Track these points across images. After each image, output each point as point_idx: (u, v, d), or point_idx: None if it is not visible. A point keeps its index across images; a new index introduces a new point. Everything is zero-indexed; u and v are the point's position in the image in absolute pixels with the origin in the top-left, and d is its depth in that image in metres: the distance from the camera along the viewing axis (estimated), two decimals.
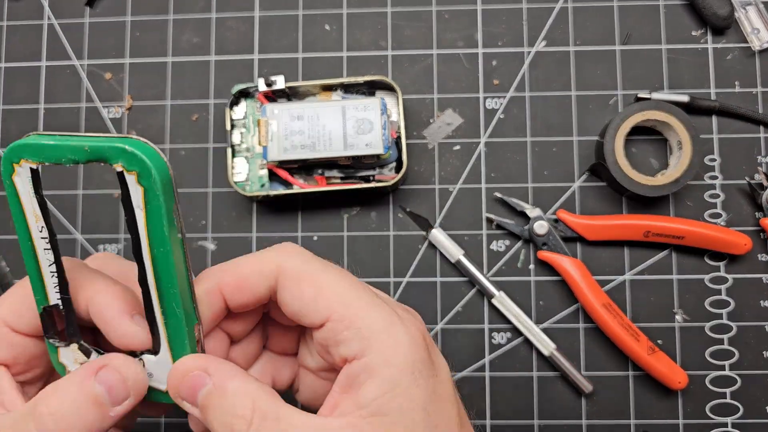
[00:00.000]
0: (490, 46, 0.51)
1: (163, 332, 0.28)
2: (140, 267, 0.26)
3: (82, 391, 0.27)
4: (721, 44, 0.51)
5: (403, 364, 0.26)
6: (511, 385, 0.49)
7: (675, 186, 0.47)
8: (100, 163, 0.25)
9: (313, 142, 0.46)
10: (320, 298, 0.27)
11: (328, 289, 0.27)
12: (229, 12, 0.52)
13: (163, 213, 0.25)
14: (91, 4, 0.53)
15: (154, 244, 0.25)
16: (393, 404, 0.25)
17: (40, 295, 0.28)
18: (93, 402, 0.27)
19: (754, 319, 0.48)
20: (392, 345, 0.26)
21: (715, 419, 0.48)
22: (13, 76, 0.53)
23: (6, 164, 0.26)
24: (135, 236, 0.25)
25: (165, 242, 0.25)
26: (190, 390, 0.27)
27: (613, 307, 0.47)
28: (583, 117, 0.50)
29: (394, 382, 0.26)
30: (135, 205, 0.25)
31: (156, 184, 0.24)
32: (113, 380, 0.27)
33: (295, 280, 0.27)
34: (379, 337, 0.26)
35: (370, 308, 0.27)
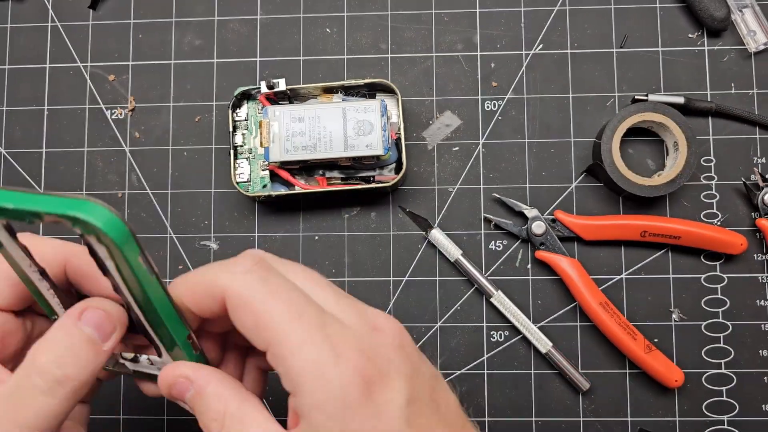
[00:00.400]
0: (489, 48, 0.52)
1: (161, 346, 0.29)
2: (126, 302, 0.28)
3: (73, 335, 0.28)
4: (718, 46, 0.51)
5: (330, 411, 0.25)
6: (509, 383, 0.49)
7: (671, 186, 0.47)
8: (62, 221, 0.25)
9: (314, 144, 0.47)
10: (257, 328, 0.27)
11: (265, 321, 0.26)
12: (231, 15, 0.53)
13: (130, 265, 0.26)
14: (95, 7, 0.54)
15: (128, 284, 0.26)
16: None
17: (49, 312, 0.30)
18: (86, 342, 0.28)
19: (749, 318, 0.49)
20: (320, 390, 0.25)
21: (711, 417, 0.48)
22: (18, 77, 0.53)
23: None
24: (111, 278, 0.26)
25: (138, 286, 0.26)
26: (179, 394, 0.29)
27: (610, 306, 0.47)
28: (581, 118, 0.51)
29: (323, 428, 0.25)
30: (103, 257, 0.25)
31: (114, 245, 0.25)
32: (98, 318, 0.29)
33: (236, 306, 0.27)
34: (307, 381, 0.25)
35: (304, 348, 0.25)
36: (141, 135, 0.52)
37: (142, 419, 0.50)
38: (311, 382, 0.25)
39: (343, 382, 0.25)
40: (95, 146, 0.52)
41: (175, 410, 0.50)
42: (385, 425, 0.25)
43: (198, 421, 0.28)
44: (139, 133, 0.52)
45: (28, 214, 0.25)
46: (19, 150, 0.53)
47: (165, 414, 0.50)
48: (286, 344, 0.26)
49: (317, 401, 0.25)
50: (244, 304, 0.27)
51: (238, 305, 0.27)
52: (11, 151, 0.53)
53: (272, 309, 0.26)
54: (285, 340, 0.26)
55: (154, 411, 0.50)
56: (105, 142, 0.52)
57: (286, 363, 0.26)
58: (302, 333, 0.26)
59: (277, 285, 0.27)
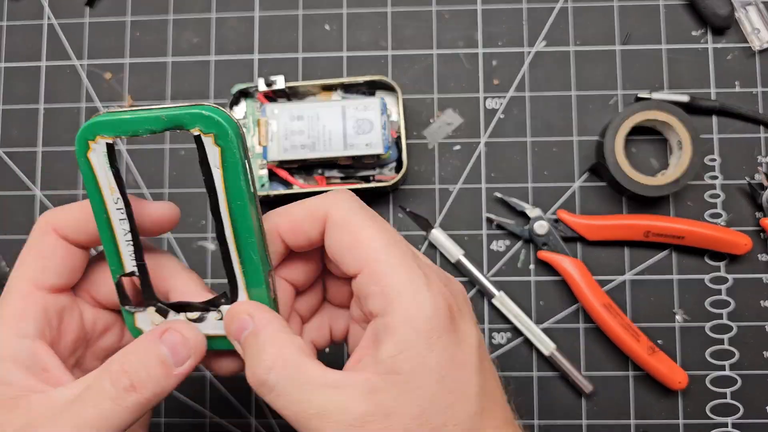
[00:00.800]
0: (490, 46, 0.51)
1: (241, 281, 0.29)
2: (218, 223, 0.28)
3: (149, 352, 0.29)
4: (722, 44, 0.51)
5: (421, 327, 0.26)
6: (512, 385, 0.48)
7: (675, 186, 0.47)
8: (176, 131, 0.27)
9: (313, 142, 0.46)
10: (355, 248, 0.28)
11: (364, 241, 0.28)
12: (229, 12, 0.53)
13: (239, 169, 0.27)
14: (91, 4, 0.53)
15: (231, 200, 0.27)
16: (406, 365, 0.26)
17: (116, 265, 0.30)
18: (160, 362, 0.29)
19: (754, 319, 0.48)
20: (413, 307, 0.27)
21: (715, 419, 0.48)
22: (13, 76, 0.53)
23: (81, 143, 0.27)
24: (213, 195, 0.28)
25: (242, 196, 0.27)
26: (237, 331, 0.29)
27: (614, 307, 0.47)
28: (583, 117, 0.50)
29: (409, 343, 0.26)
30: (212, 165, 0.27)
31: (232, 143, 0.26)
32: (176, 341, 0.29)
33: (337, 227, 0.29)
34: (401, 298, 0.27)
35: (399, 268, 0.27)
36: None
37: None
38: (406, 299, 0.27)
39: (434, 305, 0.27)
40: None
41: (174, 412, 0.50)
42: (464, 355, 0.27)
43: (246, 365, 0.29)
44: None
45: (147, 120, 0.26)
46: (14, 149, 0.52)
47: (163, 416, 0.49)
48: (383, 264, 0.27)
49: (410, 317, 0.26)
50: (345, 225, 0.28)
51: (339, 225, 0.29)
52: (7, 150, 0.52)
53: (371, 231, 0.28)
54: (382, 260, 0.27)
55: (153, 413, 0.49)
56: None
57: (382, 281, 0.27)
58: (399, 256, 0.28)
59: (373, 215, 0.29)
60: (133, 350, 0.29)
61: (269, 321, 0.29)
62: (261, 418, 0.49)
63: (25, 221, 0.51)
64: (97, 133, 0.27)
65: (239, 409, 0.49)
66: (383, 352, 0.27)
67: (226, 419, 0.49)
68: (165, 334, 0.30)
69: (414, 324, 0.26)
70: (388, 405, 0.26)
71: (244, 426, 0.49)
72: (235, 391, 0.50)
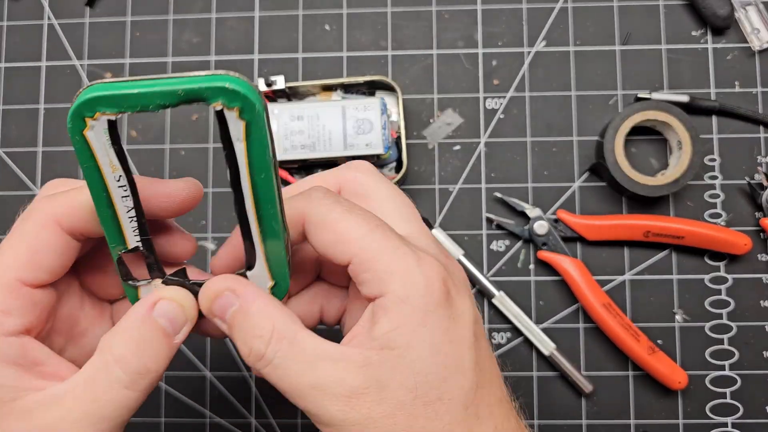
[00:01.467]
0: (490, 46, 0.51)
1: (260, 249, 0.28)
2: (238, 196, 0.26)
3: (148, 326, 0.28)
4: (721, 44, 0.51)
5: (414, 303, 0.26)
6: (511, 385, 0.48)
7: (675, 186, 0.47)
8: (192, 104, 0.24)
9: (313, 142, 0.46)
10: (339, 243, 0.28)
11: (346, 235, 0.27)
12: (229, 12, 0.53)
13: (266, 142, 0.25)
14: (91, 4, 0.53)
15: (255, 173, 0.26)
16: (401, 339, 0.26)
17: (117, 242, 0.28)
18: (161, 333, 0.28)
19: (754, 319, 0.48)
20: (406, 286, 0.27)
21: (715, 419, 0.48)
22: (13, 76, 0.53)
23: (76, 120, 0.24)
24: (234, 169, 0.25)
25: (267, 168, 0.26)
26: (221, 309, 0.28)
27: (613, 307, 0.47)
28: (583, 117, 0.50)
29: (404, 319, 0.26)
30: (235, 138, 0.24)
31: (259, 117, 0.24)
32: (172, 310, 0.28)
33: (317, 227, 0.28)
34: (394, 279, 0.27)
35: (386, 250, 0.27)
36: (138, 134, 0.52)
37: (140, 421, 0.49)
38: (399, 278, 0.27)
39: (428, 282, 0.27)
40: None
41: (173, 412, 0.50)
42: (459, 330, 0.27)
43: (233, 339, 0.28)
44: (136, 131, 0.52)
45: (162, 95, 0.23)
46: (14, 149, 0.52)
47: (163, 416, 0.49)
48: (369, 251, 0.27)
49: (404, 295, 0.26)
50: (324, 223, 0.28)
51: (317, 224, 0.28)
52: (7, 150, 0.52)
53: (351, 224, 0.28)
54: (368, 247, 0.27)
55: (152, 413, 0.49)
56: None
57: (372, 267, 0.27)
58: (384, 239, 0.27)
59: (350, 205, 0.28)
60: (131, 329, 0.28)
61: (256, 294, 0.28)
62: (261, 417, 0.49)
63: None
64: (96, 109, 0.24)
65: (239, 409, 0.49)
66: (378, 329, 0.27)
67: (226, 419, 0.49)
68: (158, 304, 0.28)
69: (407, 300, 0.26)
70: (383, 378, 0.26)
71: (244, 426, 0.49)
72: (236, 391, 0.50)
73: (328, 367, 0.26)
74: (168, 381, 0.50)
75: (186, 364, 0.50)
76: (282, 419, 0.49)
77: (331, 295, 0.33)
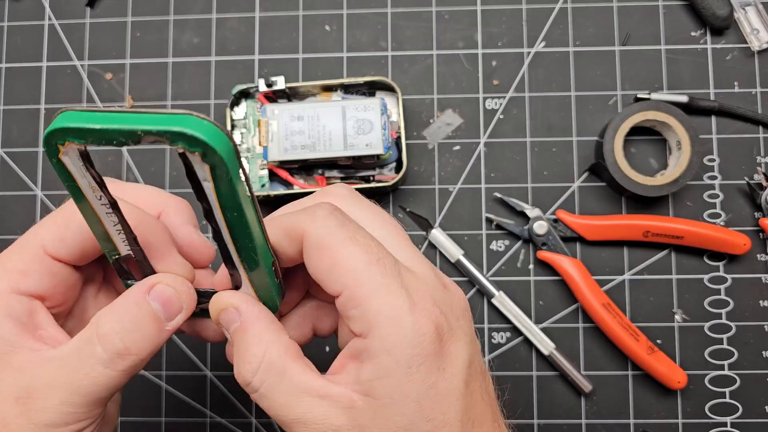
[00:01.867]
0: (490, 46, 0.51)
1: (244, 276, 0.28)
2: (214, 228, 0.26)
3: (140, 309, 0.28)
4: (721, 45, 0.51)
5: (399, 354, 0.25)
6: (511, 385, 0.49)
7: (674, 186, 0.47)
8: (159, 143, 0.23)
9: (313, 143, 0.46)
10: (335, 271, 0.26)
11: (344, 264, 0.26)
12: (229, 12, 0.53)
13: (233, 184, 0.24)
14: (92, 5, 0.53)
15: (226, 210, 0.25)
16: (384, 391, 0.25)
17: (109, 247, 0.29)
18: (151, 318, 0.28)
19: (753, 319, 0.48)
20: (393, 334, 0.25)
21: (714, 419, 0.48)
22: (14, 76, 0.53)
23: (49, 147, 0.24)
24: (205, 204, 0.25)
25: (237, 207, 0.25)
26: (226, 322, 0.29)
27: (613, 307, 0.47)
28: (583, 117, 0.51)
29: (387, 370, 0.25)
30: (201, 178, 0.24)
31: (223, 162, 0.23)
32: (167, 295, 0.29)
33: (315, 248, 0.27)
34: (382, 324, 0.26)
35: (381, 292, 0.26)
36: None
37: (140, 421, 0.49)
38: (386, 325, 0.25)
39: (417, 330, 0.25)
40: None
41: (174, 411, 0.50)
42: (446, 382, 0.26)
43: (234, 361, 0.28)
44: None
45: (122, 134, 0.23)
46: (15, 149, 0.52)
47: (163, 415, 0.49)
48: (364, 287, 0.26)
49: (390, 344, 0.25)
50: (323, 247, 0.27)
51: (316, 247, 0.27)
52: (8, 150, 0.52)
53: (351, 253, 0.26)
54: (363, 283, 0.26)
55: (153, 412, 0.49)
56: None
57: (362, 305, 0.26)
58: (380, 278, 0.26)
59: (354, 230, 0.27)
60: (122, 309, 0.28)
61: (256, 317, 0.28)
62: (261, 417, 0.49)
63: (26, 221, 0.51)
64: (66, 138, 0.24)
65: (240, 409, 0.50)
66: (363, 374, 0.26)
67: (227, 419, 0.49)
68: (155, 288, 0.29)
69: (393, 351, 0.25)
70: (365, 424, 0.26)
71: (245, 425, 0.49)
72: (236, 391, 0.50)
73: (314, 404, 0.26)
74: (168, 380, 0.50)
75: (187, 364, 0.50)
76: None
77: (322, 313, 0.32)
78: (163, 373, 0.50)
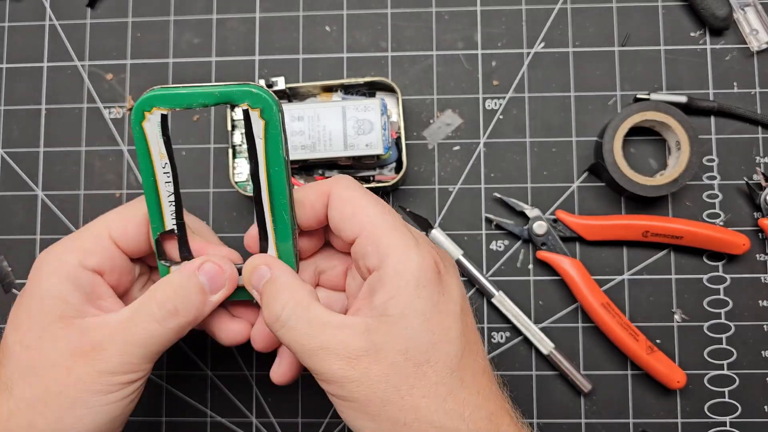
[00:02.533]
0: (490, 47, 0.52)
1: (272, 237, 0.34)
2: (256, 186, 0.33)
3: (190, 280, 0.34)
4: (720, 45, 0.51)
5: (409, 277, 0.31)
6: (511, 384, 0.49)
7: (673, 186, 0.47)
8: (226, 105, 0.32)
9: (313, 143, 0.46)
10: (354, 216, 0.33)
11: (362, 211, 0.33)
12: (230, 13, 0.53)
13: (279, 139, 0.32)
14: (93, 5, 0.53)
15: (270, 165, 0.32)
16: (396, 308, 0.30)
17: (157, 223, 0.35)
18: (199, 289, 0.34)
19: (752, 319, 0.49)
20: (403, 261, 0.31)
21: (713, 418, 0.48)
22: (15, 76, 0.53)
23: (138, 113, 0.31)
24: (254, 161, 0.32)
25: (279, 162, 0.32)
26: (258, 279, 0.34)
27: (612, 307, 0.47)
28: (582, 117, 0.51)
29: (399, 289, 0.31)
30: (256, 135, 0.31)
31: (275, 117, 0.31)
32: (214, 272, 0.35)
33: (339, 199, 0.34)
34: (393, 254, 0.31)
35: (392, 230, 0.32)
36: None
37: (141, 420, 0.50)
38: (397, 254, 0.31)
39: (421, 261, 0.31)
40: (93, 146, 0.52)
41: (174, 411, 0.50)
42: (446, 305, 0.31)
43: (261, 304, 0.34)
44: None
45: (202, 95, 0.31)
46: (16, 149, 0.52)
47: (164, 415, 0.50)
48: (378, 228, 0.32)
49: (401, 269, 0.31)
50: (346, 198, 0.34)
51: (340, 198, 0.34)
52: (8, 150, 0.52)
53: (368, 203, 0.33)
54: (378, 224, 0.32)
55: (154, 412, 0.50)
56: (103, 142, 0.52)
57: (377, 240, 0.32)
58: (392, 222, 0.33)
59: (370, 193, 0.34)
60: (176, 280, 0.34)
61: (284, 270, 0.34)
62: (262, 417, 0.49)
63: (27, 221, 0.51)
64: (153, 104, 0.31)
65: (240, 409, 0.50)
66: (377, 299, 0.31)
67: (227, 418, 0.50)
68: (204, 265, 0.35)
69: (403, 275, 0.31)
70: (380, 342, 0.30)
71: (245, 425, 0.50)
72: (237, 391, 0.50)
73: (335, 332, 0.31)
74: (169, 380, 0.50)
75: (187, 363, 0.50)
76: (283, 418, 0.49)
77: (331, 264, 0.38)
78: (163, 373, 0.50)
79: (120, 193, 0.51)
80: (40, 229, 0.51)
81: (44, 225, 0.51)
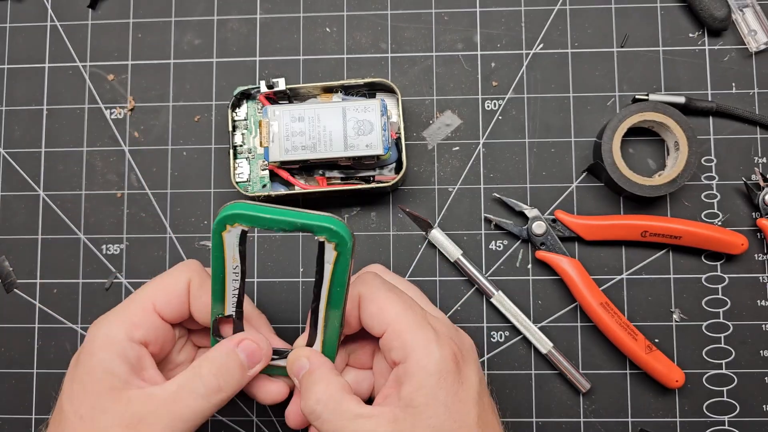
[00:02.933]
0: (489, 48, 0.52)
1: (320, 334, 0.38)
2: (316, 299, 0.36)
3: (231, 357, 0.37)
4: (718, 46, 0.51)
5: (431, 371, 0.34)
6: (510, 383, 0.49)
7: (672, 186, 0.47)
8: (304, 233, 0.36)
9: (313, 143, 0.47)
10: (381, 315, 0.36)
11: (387, 309, 0.36)
12: (230, 14, 0.53)
13: (347, 268, 0.35)
14: (94, 6, 0.53)
15: (333, 286, 0.35)
16: (420, 399, 0.34)
17: (218, 308, 0.38)
18: (239, 365, 0.38)
19: (750, 318, 0.49)
20: (426, 357, 0.34)
21: (711, 417, 0.48)
22: (17, 77, 0.53)
23: (220, 225, 0.33)
24: (319, 280, 0.35)
25: (342, 285, 0.35)
26: (298, 370, 0.38)
27: (611, 306, 0.47)
28: (581, 118, 0.51)
29: (423, 382, 0.34)
30: (326, 261, 0.34)
31: (348, 252, 0.34)
32: (251, 349, 0.38)
33: (368, 301, 0.37)
34: (417, 350, 0.35)
35: (414, 326, 0.35)
36: (140, 135, 0.52)
37: None
38: (420, 350, 0.35)
39: (443, 355, 0.35)
40: (94, 146, 0.52)
41: None
42: (465, 393, 0.35)
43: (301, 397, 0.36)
44: (139, 132, 0.52)
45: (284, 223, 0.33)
46: (18, 150, 0.52)
47: None
48: (402, 324, 0.36)
49: (424, 363, 0.34)
50: (373, 299, 0.37)
51: (369, 299, 0.37)
52: (10, 151, 0.53)
53: (391, 301, 0.37)
54: (402, 321, 0.36)
55: None
56: (104, 142, 0.52)
57: (402, 337, 0.35)
58: (413, 318, 0.36)
59: (392, 288, 0.38)
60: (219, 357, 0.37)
61: (322, 363, 0.38)
62: (263, 416, 0.50)
63: (28, 221, 0.52)
64: (236, 221, 0.33)
65: (241, 408, 0.50)
66: (403, 391, 0.34)
67: (228, 417, 0.50)
68: (243, 343, 0.38)
69: (427, 368, 0.34)
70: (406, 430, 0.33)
71: (246, 424, 0.50)
72: None
73: (364, 423, 0.34)
74: None
75: None
76: (283, 418, 0.50)
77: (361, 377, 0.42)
78: None
79: (121, 193, 0.52)
80: (41, 229, 0.52)
81: (46, 225, 0.52)
